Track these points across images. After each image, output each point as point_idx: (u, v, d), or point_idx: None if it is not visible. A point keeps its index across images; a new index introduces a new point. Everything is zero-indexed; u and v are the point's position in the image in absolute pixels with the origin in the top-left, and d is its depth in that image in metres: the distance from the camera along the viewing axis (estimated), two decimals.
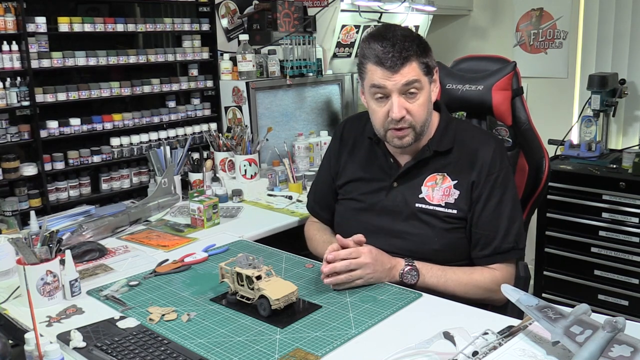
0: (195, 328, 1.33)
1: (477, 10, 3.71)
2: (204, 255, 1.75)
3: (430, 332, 1.25)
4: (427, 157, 1.63)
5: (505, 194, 1.60)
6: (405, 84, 1.51)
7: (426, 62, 1.54)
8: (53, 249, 1.50)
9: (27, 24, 2.13)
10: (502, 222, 1.58)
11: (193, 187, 2.46)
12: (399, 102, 1.52)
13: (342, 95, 3.09)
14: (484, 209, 1.58)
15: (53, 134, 2.25)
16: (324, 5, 2.93)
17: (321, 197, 1.88)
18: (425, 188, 1.62)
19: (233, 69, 2.73)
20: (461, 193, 1.59)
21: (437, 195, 1.60)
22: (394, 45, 1.49)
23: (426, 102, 1.56)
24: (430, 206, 1.60)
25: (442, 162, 1.63)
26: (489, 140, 1.65)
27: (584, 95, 3.23)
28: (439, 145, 1.63)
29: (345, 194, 1.76)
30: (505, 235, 1.58)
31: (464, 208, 1.59)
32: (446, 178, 1.61)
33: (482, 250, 1.59)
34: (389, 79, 1.51)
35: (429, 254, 1.59)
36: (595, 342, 1.05)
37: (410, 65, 1.50)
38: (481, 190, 1.58)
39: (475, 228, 1.59)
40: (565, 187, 2.85)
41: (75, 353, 1.22)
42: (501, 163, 1.61)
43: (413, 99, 1.54)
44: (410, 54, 1.50)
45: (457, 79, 1.93)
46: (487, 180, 1.59)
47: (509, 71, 1.85)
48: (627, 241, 2.71)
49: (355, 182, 1.74)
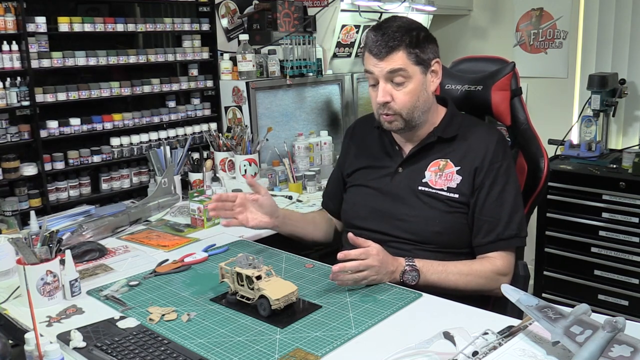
0: (195, 328, 1.33)
1: (477, 10, 3.71)
2: (204, 255, 1.75)
3: (430, 332, 1.25)
4: (431, 143, 1.68)
5: (508, 183, 1.63)
6: (390, 71, 1.58)
7: (415, 52, 1.58)
8: (53, 249, 1.50)
9: (27, 24, 2.13)
10: (505, 210, 1.61)
11: (193, 187, 2.47)
12: (383, 88, 1.60)
13: (342, 95, 3.09)
14: (487, 196, 1.61)
15: (53, 134, 2.26)
16: (324, 5, 2.93)
17: (331, 189, 1.96)
18: (428, 173, 1.66)
19: (233, 69, 2.73)
20: (463, 178, 1.63)
21: (440, 180, 1.64)
22: (383, 35, 1.58)
23: (415, 91, 1.60)
24: (433, 189, 1.64)
25: (446, 148, 1.68)
26: (494, 131, 1.71)
27: (584, 95, 3.23)
28: (443, 132, 1.68)
29: (353, 181, 1.81)
30: (508, 222, 1.61)
31: (466, 193, 1.62)
32: (449, 164, 1.65)
33: (485, 237, 1.61)
34: (376, 65, 1.59)
35: (430, 236, 1.62)
36: (595, 342, 1.05)
37: (396, 54, 1.57)
38: (484, 178, 1.62)
39: (478, 214, 1.62)
40: (565, 187, 2.85)
41: (75, 353, 1.22)
42: (504, 154, 1.66)
43: (400, 86, 1.60)
44: (397, 44, 1.56)
45: (456, 79, 1.94)
46: (491, 168, 1.62)
47: (508, 71, 1.85)
48: (627, 241, 2.71)
49: (361, 170, 1.79)
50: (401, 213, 1.66)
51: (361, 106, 3.19)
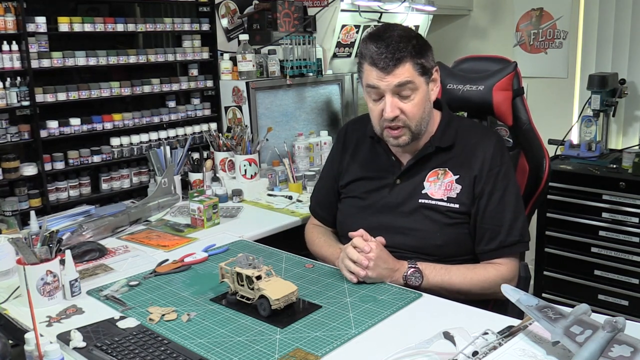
0: (195, 328, 1.33)
1: (477, 10, 3.71)
2: (204, 255, 1.75)
3: (430, 332, 1.25)
4: (429, 154, 1.65)
5: (508, 188, 1.62)
6: (398, 85, 1.53)
7: (421, 62, 1.55)
8: (53, 249, 1.50)
9: (27, 24, 2.12)
10: (506, 216, 1.60)
11: (193, 187, 2.46)
12: (392, 102, 1.55)
13: (342, 95, 3.09)
14: (488, 203, 1.60)
15: (53, 134, 2.25)
16: (324, 5, 2.93)
17: (323, 198, 1.89)
18: (427, 184, 1.64)
19: (233, 68, 2.72)
20: (463, 187, 1.61)
21: (439, 190, 1.62)
22: (387, 46, 1.51)
23: (421, 102, 1.57)
24: (433, 201, 1.62)
25: (444, 157, 1.65)
26: (490, 135, 1.69)
27: (584, 95, 3.23)
28: (440, 142, 1.65)
29: (348, 192, 1.77)
30: (511, 229, 1.59)
31: (466, 202, 1.60)
32: (448, 173, 1.63)
33: (488, 245, 1.60)
34: (382, 79, 1.53)
35: (431, 249, 1.60)
36: (595, 342, 1.05)
37: (403, 66, 1.52)
38: (484, 185, 1.60)
39: (480, 223, 1.60)
40: (565, 187, 2.85)
41: (75, 353, 1.22)
42: (502, 158, 1.63)
43: (407, 99, 1.56)
44: (404, 55, 1.51)
45: (458, 79, 1.93)
46: (490, 175, 1.60)
47: (510, 71, 1.85)
48: (627, 241, 2.71)
49: (358, 182, 1.75)
50: (402, 227, 1.64)
51: (361, 106, 3.18)
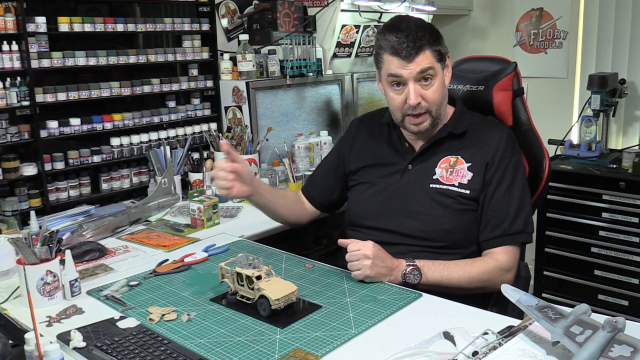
0: (195, 328, 1.33)
1: (477, 10, 3.71)
2: (204, 255, 1.75)
3: (430, 332, 1.25)
4: (442, 138, 1.69)
5: (516, 180, 1.65)
6: (420, 71, 1.59)
7: (438, 49, 1.61)
8: (53, 249, 1.50)
9: (27, 24, 2.12)
10: (512, 205, 1.63)
11: (193, 187, 2.46)
12: (415, 89, 1.60)
13: (342, 95, 3.09)
14: (495, 191, 1.63)
15: (53, 134, 2.25)
16: (324, 5, 2.93)
17: (318, 177, 1.94)
18: (439, 169, 1.67)
19: (233, 68, 2.73)
20: (475, 175, 1.64)
21: (451, 176, 1.66)
22: (407, 36, 1.57)
23: (440, 87, 1.64)
24: (444, 186, 1.65)
25: (456, 145, 1.69)
26: (502, 128, 1.74)
27: (584, 95, 3.23)
28: (454, 128, 1.70)
29: (359, 179, 1.80)
30: (515, 218, 1.62)
31: (477, 189, 1.64)
32: (460, 160, 1.67)
33: (492, 232, 1.62)
34: (405, 67, 1.59)
35: (440, 234, 1.62)
36: (595, 342, 1.05)
37: (424, 53, 1.58)
38: (494, 173, 1.64)
39: (486, 209, 1.63)
40: (565, 187, 2.85)
41: (75, 353, 1.22)
42: (513, 150, 1.68)
43: (428, 85, 1.61)
44: (424, 43, 1.58)
45: (458, 79, 1.93)
46: (500, 163, 1.64)
47: (510, 71, 1.85)
48: (627, 241, 2.71)
49: (370, 167, 1.79)
50: (411, 211, 1.66)
51: (361, 106, 3.19)
